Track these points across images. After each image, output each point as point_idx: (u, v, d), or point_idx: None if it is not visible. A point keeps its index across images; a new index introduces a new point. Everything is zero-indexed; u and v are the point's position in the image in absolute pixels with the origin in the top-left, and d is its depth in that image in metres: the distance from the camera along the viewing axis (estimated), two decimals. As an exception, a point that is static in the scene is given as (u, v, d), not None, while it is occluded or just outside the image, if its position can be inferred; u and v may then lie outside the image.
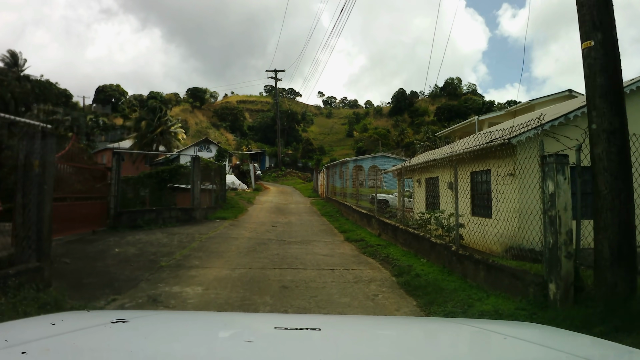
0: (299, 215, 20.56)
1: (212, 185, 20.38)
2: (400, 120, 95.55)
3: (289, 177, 52.52)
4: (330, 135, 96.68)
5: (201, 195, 18.14)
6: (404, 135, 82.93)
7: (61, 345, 1.55)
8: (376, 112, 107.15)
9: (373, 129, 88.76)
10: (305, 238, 13.40)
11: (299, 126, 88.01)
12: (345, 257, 10.50)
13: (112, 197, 14.97)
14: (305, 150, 74.60)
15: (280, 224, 16.99)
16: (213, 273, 8.32)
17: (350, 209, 18.77)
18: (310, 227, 16.40)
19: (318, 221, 18.56)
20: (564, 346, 1.81)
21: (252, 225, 16.33)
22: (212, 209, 19.29)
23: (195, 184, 17.16)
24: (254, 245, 11.83)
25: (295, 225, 16.77)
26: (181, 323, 2.20)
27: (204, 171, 19.50)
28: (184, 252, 10.65)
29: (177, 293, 6.85)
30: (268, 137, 75.94)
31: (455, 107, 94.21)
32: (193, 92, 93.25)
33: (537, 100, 24.29)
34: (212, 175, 19.89)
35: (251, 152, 55.52)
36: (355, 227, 16.14)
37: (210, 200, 19.58)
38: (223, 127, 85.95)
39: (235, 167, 40.24)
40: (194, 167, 17.19)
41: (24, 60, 54.54)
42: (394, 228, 12.17)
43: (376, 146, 68.28)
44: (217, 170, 21.07)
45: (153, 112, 44.61)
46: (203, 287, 7.20)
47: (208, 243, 12.05)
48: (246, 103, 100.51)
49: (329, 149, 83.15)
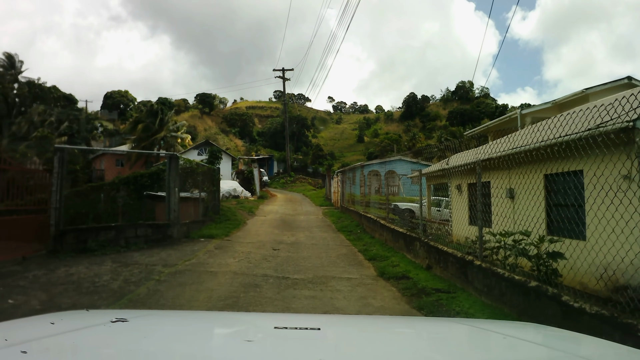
0: (310, 230, 15.88)
1: (200, 193, 15.83)
2: (412, 125, 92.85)
3: (298, 184, 47.82)
4: (341, 140, 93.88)
5: (183, 205, 13.56)
6: (416, 140, 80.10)
7: (61, 345, 1.52)
8: (387, 117, 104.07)
9: (384, 134, 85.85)
10: (319, 272, 8.68)
11: (309, 132, 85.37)
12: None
13: (52, 209, 10.49)
14: (316, 155, 71.21)
15: (285, 245, 12.32)
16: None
17: (377, 223, 14.04)
18: (324, 250, 11.70)
19: (334, 240, 13.84)
20: (564, 346, 1.76)
21: (245, 247, 11.67)
22: (199, 224, 14.71)
23: (172, 192, 12.60)
24: (238, 289, 7.16)
25: (305, 247, 12.06)
26: (181, 322, 2.20)
27: (189, 175, 14.92)
28: (115, 306, 6.08)
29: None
30: (278, 143, 72.91)
31: (467, 110, 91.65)
32: (202, 97, 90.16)
33: (592, 90, 19.46)
34: (199, 180, 15.34)
35: (258, 156, 50.98)
36: (386, 250, 11.43)
37: (196, 212, 15.01)
38: (232, 132, 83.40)
39: (239, 172, 35.81)
40: (170, 169, 12.65)
41: (21, 62, 50.73)
42: (461, 262, 7.42)
43: (387, 152, 65.08)
44: (207, 174, 16.52)
45: (154, 115, 40.41)
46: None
47: (167, 285, 7.42)
48: (255, 109, 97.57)
49: (339, 154, 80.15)
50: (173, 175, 12.65)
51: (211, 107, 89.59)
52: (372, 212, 16.02)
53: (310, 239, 13.74)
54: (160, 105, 42.69)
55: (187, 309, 6.06)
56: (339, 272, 8.87)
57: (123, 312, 2.35)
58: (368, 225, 15.48)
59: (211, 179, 16.79)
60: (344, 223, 17.67)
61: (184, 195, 14.72)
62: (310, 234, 14.92)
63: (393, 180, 34.35)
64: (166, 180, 12.71)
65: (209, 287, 7.33)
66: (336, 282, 7.90)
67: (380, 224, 13.58)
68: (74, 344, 1.55)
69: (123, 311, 2.79)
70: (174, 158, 12.81)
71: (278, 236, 14.00)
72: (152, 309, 5.59)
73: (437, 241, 9.28)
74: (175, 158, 12.81)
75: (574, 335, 2.14)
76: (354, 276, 8.48)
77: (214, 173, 16.90)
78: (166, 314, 3.19)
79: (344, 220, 18.74)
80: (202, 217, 15.45)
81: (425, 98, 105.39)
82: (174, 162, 12.75)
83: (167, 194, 12.62)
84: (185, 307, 6.15)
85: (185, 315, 3.21)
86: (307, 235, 14.39)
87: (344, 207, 21.80)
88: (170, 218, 12.54)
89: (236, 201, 25.54)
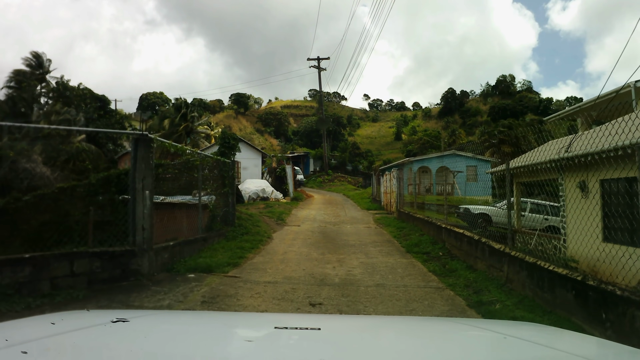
0: (365, 252, 9.99)
1: (207, 197, 10.40)
2: (451, 121, 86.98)
3: (337, 182, 41.89)
4: (378, 138, 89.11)
5: (168, 216, 8.11)
6: (456, 136, 74.22)
7: (61, 345, 1.47)
8: (425, 114, 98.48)
9: (422, 131, 80.00)
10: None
11: (345, 130, 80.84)
12: None
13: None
14: (352, 154, 66.20)
15: (330, 289, 6.49)
16: None
17: (479, 245, 8.07)
18: (404, 302, 5.87)
19: (409, 272, 7.88)
20: (564, 346, 1.71)
21: (258, 299, 5.98)
22: (195, 244, 9.15)
23: (139, 197, 7.11)
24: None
25: (366, 295, 6.21)
26: (181, 323, 2.12)
27: (182, 171, 9.47)
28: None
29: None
30: (313, 142, 68.64)
31: (510, 105, 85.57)
32: (237, 98, 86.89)
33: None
34: (199, 178, 9.83)
35: (293, 154, 45.50)
36: (530, 307, 5.53)
37: (192, 226, 9.47)
38: (267, 132, 79.87)
39: (271, 170, 30.39)
40: (136, 159, 7.17)
41: (49, 61, 47.30)
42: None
43: (426, 149, 59.49)
44: (213, 169, 11.01)
45: (178, 109, 35.92)
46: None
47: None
48: (290, 108, 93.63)
49: (376, 152, 75.16)
50: (141, 168, 7.18)
51: (246, 107, 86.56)
52: (464, 224, 9.97)
53: (371, 271, 7.89)
54: (184, 100, 37.85)
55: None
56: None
57: (123, 312, 2.22)
58: (455, 244, 9.55)
59: (221, 176, 11.25)
60: (412, 238, 11.69)
61: (175, 200, 9.28)
62: (367, 258, 9.11)
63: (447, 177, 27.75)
64: (130, 177, 7.25)
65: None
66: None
67: (489, 249, 7.62)
68: (74, 344, 1.50)
69: (123, 311, 2.76)
70: (143, 140, 7.30)
71: (317, 265, 8.25)
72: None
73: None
74: (144, 141, 7.29)
75: (574, 335, 2.08)
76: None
77: (226, 168, 11.39)
78: (167, 314, 2.96)
79: (409, 231, 12.78)
80: (204, 232, 9.93)
81: (465, 93, 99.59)
82: (142, 147, 7.27)
83: (131, 201, 7.17)
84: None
85: (185, 315, 3.09)
86: (364, 263, 8.56)
87: (403, 212, 15.79)
88: (135, 241, 7.07)
89: (264, 204, 20.03)
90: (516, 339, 1.73)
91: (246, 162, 28.44)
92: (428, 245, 10.46)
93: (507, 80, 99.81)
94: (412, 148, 69.74)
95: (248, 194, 21.83)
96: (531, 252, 8.03)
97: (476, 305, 5.83)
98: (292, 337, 1.66)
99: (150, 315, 2.36)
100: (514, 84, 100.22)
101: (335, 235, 12.64)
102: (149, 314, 2.37)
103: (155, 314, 2.55)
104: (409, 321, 3.15)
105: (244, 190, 22.01)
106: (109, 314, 1.93)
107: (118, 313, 1.88)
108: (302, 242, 11.14)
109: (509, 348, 1.64)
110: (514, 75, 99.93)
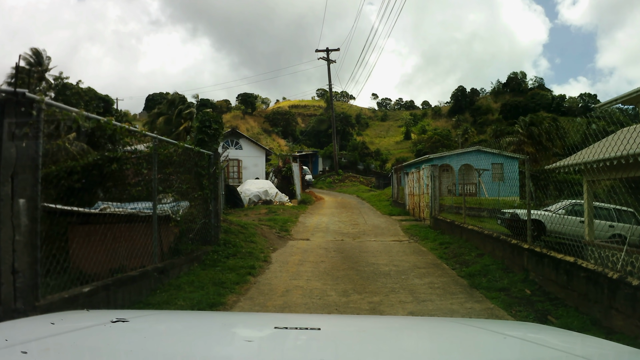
0: (410, 290, 6.18)
1: (171, 205, 6.85)
2: (462, 119, 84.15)
3: (348, 183, 38.09)
4: (387, 138, 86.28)
5: (108, 236, 4.57)
6: (468, 134, 71.18)
7: (61, 345, 1.44)
8: (434, 112, 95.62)
9: (432, 129, 76.82)
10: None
11: (354, 129, 78.14)
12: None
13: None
14: (361, 154, 63.06)
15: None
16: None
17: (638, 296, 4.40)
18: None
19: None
20: (564, 346, 1.66)
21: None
22: (148, 281, 5.57)
23: (6, 208, 3.61)
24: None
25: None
26: (181, 322, 2.06)
27: (138, 166, 5.94)
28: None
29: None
30: (322, 142, 65.48)
31: (522, 103, 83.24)
32: (244, 98, 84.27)
33: None
34: (153, 176, 6.28)
35: (301, 153, 41.90)
36: None
37: (144, 251, 5.96)
38: (275, 132, 77.21)
39: (277, 170, 26.91)
40: (2, 134, 3.72)
41: (49, 58, 44.33)
42: None
43: (437, 148, 56.50)
44: (189, 163, 7.47)
45: (173, 105, 32.46)
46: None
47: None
48: (298, 108, 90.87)
49: (385, 152, 72.07)
50: (9, 156, 3.70)
51: (253, 107, 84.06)
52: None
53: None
54: (179, 95, 34.41)
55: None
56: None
57: (123, 312, 2.17)
58: (552, 277, 5.90)
59: (196, 174, 7.66)
60: (466, 259, 7.93)
61: (118, 210, 5.74)
62: (416, 303, 5.44)
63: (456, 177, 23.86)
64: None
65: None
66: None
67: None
68: (74, 344, 1.47)
69: (123, 311, 2.63)
70: (15, 105, 3.80)
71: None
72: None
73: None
74: (18, 105, 3.80)
75: (574, 335, 2.06)
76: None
77: (203, 162, 7.80)
78: (167, 314, 2.81)
79: (458, 248, 9.01)
80: (167, 257, 6.37)
81: (475, 91, 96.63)
82: (14, 117, 3.78)
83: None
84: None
85: (185, 315, 2.95)
86: (415, 315, 4.98)
87: (442, 220, 11.98)
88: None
89: (267, 208, 16.46)
90: (516, 339, 1.69)
91: (248, 160, 24.93)
92: (500, 275, 6.80)
93: (519, 78, 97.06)
94: (422, 147, 66.55)
95: (248, 196, 18.30)
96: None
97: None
98: (292, 337, 1.61)
99: (150, 315, 2.26)
100: (525, 81, 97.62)
101: (358, 255, 8.93)
102: (149, 314, 2.27)
103: (155, 314, 2.42)
104: (409, 321, 3.07)
105: (243, 192, 18.49)
106: (109, 314, 1.90)
107: (118, 313, 1.81)
108: (313, 269, 7.47)
109: (509, 348, 1.59)
110: (525, 73, 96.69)
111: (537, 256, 6.41)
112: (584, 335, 2.11)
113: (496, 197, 13.69)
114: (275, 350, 1.51)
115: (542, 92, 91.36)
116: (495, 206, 11.98)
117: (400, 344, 1.72)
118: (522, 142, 35.21)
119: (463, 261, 8.00)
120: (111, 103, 57.70)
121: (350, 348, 1.60)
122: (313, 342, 1.56)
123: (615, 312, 4.75)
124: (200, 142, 8.22)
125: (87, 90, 53.16)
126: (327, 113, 63.38)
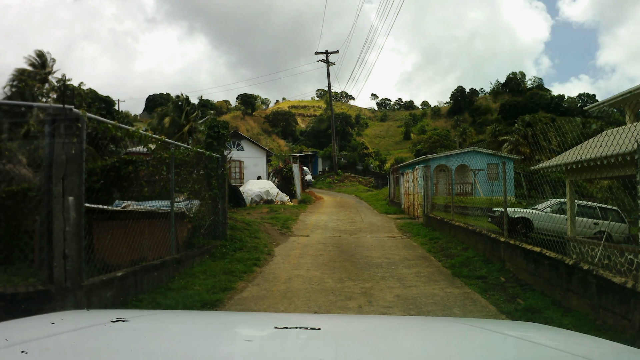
0: (399, 277, 7.08)
1: (186, 203, 7.68)
2: (461, 119, 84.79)
3: (347, 183, 38.95)
4: (386, 138, 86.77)
5: (120, 232, 5.39)
6: (466, 135, 72.13)
7: (61, 345, 1.44)
8: (434, 112, 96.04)
9: (431, 130, 77.46)
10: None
11: (353, 130, 78.60)
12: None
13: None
14: (361, 154, 63.71)
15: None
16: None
17: (592, 281, 5.22)
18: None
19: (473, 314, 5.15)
20: (564, 346, 1.66)
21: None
22: (168, 269, 6.39)
23: (58, 204, 4.41)
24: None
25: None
26: (181, 322, 2.07)
27: (158, 168, 6.79)
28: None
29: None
30: (321, 142, 65.71)
31: (521, 103, 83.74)
32: (244, 98, 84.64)
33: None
34: (171, 178, 7.09)
35: (301, 153, 42.70)
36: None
37: (164, 244, 6.77)
38: (274, 133, 77.57)
39: (277, 171, 27.70)
40: (54, 145, 4.49)
41: (53, 60, 45.03)
42: None
43: (436, 148, 57.19)
44: (200, 165, 8.28)
45: (180, 108, 33.28)
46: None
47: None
48: (298, 108, 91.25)
49: (385, 152, 72.73)
50: (60, 162, 4.50)
51: (253, 107, 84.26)
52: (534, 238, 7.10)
53: (415, 314, 5.15)
54: (185, 96, 35.13)
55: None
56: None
57: (123, 312, 2.17)
58: (524, 266, 6.71)
59: (206, 175, 8.51)
60: (453, 253, 8.79)
61: (140, 208, 6.57)
62: (403, 288, 6.30)
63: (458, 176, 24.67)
64: (43, 176, 4.57)
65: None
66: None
67: (598, 282, 4.80)
68: (74, 344, 1.47)
69: (123, 311, 2.68)
70: (64, 120, 4.60)
71: (335, 303, 5.46)
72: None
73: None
74: (66, 120, 4.60)
75: (574, 335, 2.10)
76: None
77: (212, 164, 8.67)
78: (167, 314, 2.82)
79: (446, 243, 9.89)
80: (182, 250, 7.21)
81: (474, 92, 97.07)
82: (63, 130, 4.58)
83: (44, 213, 4.49)
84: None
85: (185, 315, 3.00)
86: (401, 298, 5.75)
87: (433, 217, 12.86)
88: (51, 276, 4.40)
89: (268, 208, 17.30)
90: (516, 339, 1.70)
91: (249, 161, 25.74)
92: (480, 266, 7.63)
93: (518, 78, 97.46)
94: (422, 147, 67.24)
95: (250, 196, 19.13)
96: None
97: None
98: (292, 337, 1.61)
99: (150, 315, 2.26)
100: (524, 81, 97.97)
101: (354, 249, 9.80)
102: (149, 314, 2.26)
103: (155, 314, 2.41)
104: (409, 321, 3.06)
105: (246, 192, 19.32)
106: (109, 313, 1.90)
107: (118, 313, 1.82)
108: (312, 261, 8.33)
109: (509, 348, 1.60)
110: (524, 73, 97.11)
111: (512, 248, 7.24)
112: (583, 335, 2.11)
113: (490, 196, 14.50)
114: (276, 350, 1.51)
115: (541, 92, 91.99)
116: (488, 205, 12.76)
117: (399, 343, 1.74)
118: (519, 143, 36.00)
119: (449, 254, 8.85)
120: (112, 104, 58.34)
121: (350, 348, 1.61)
122: (313, 342, 1.58)
123: (571, 293, 5.57)
124: (209, 146, 9.04)
125: (89, 91, 53.90)
126: (326, 113, 64.01)
